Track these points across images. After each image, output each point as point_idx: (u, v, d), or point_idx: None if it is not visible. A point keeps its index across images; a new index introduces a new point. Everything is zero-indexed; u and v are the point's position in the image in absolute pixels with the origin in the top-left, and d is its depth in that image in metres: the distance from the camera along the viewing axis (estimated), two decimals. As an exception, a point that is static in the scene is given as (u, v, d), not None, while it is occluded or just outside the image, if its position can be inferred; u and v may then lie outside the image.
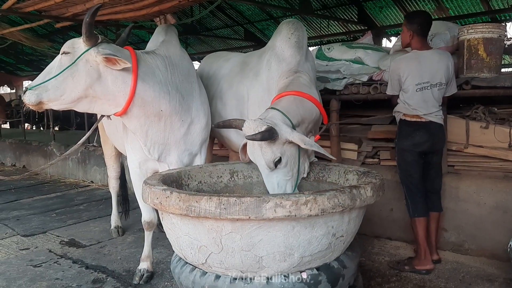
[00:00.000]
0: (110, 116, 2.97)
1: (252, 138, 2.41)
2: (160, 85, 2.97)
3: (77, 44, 2.70)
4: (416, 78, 3.31)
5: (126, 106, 2.81)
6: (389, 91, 3.54)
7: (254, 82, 3.50)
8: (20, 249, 4.27)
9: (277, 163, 2.49)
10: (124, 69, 2.73)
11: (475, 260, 3.67)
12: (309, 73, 3.21)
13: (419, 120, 3.36)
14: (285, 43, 3.28)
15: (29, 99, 2.56)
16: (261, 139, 2.41)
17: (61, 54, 2.68)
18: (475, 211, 3.75)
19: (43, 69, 2.72)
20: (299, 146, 2.56)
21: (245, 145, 2.77)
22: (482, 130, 3.86)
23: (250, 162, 2.82)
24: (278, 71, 3.24)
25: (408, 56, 3.44)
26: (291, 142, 2.52)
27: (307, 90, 2.92)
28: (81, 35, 2.63)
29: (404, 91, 3.37)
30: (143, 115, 2.96)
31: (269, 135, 2.40)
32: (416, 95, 3.32)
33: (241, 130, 2.58)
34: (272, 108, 2.66)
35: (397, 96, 3.46)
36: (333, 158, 2.58)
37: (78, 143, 3.06)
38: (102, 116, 2.99)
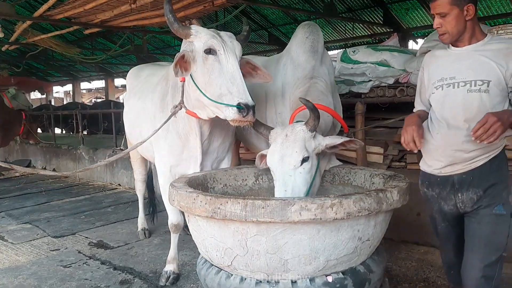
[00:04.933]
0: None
1: (311, 107, 2.44)
2: None
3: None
4: None
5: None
6: None
7: (272, 86, 3.50)
8: (50, 250, 4.38)
9: (304, 161, 2.44)
10: None
11: (505, 266, 3.55)
12: (325, 78, 3.18)
13: None
14: (300, 48, 3.26)
15: None
16: (314, 118, 2.44)
17: (237, 57, 2.66)
18: (506, 216, 3.65)
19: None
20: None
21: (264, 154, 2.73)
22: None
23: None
24: (293, 77, 3.23)
25: None
26: (318, 153, 2.52)
27: (325, 99, 2.91)
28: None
29: None
30: (209, 126, 3.05)
31: (318, 120, 2.46)
32: None
33: (267, 138, 2.58)
34: (299, 121, 2.64)
35: None
36: (361, 142, 2.56)
37: (136, 144, 3.12)
38: (173, 113, 2.95)
